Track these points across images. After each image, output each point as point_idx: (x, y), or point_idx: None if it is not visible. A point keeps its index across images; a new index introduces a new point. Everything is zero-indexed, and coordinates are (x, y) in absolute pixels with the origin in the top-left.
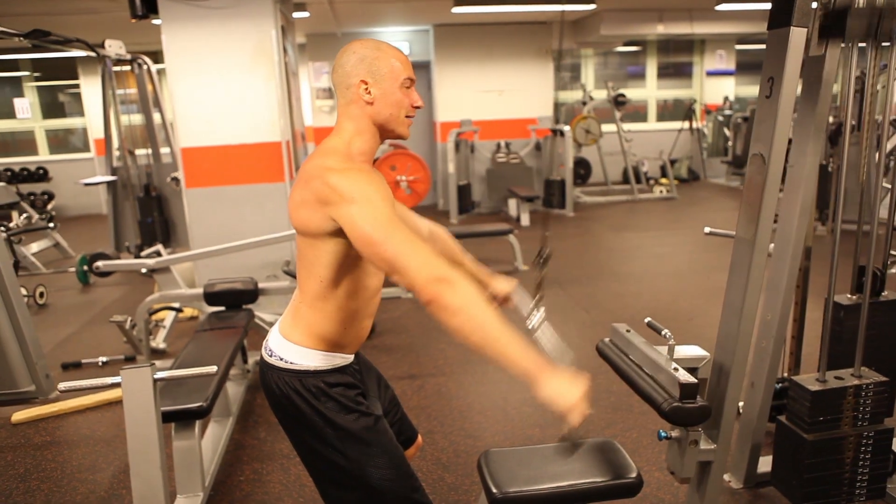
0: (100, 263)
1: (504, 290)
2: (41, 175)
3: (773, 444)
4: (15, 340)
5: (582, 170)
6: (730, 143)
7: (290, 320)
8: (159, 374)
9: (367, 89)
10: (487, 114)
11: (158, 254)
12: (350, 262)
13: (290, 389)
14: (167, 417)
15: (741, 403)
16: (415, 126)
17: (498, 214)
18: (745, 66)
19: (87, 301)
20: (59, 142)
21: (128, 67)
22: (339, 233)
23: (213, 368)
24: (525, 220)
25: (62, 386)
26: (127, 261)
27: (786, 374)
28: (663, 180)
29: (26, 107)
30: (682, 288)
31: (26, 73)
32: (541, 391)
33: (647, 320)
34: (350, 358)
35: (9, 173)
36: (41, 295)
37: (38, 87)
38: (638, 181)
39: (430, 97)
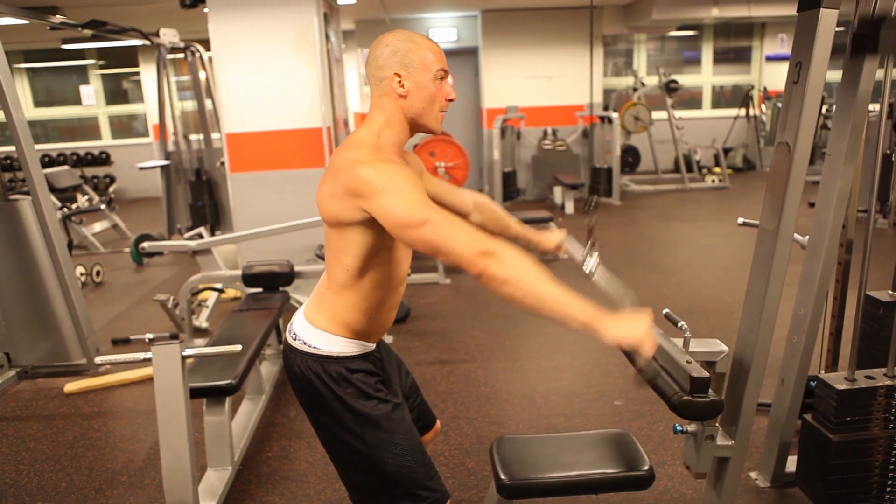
0: (145, 245)
1: (555, 241)
2: (104, 159)
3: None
4: (69, 317)
5: (630, 158)
6: None
7: (316, 305)
8: (188, 352)
9: (400, 82)
10: (535, 100)
11: (200, 236)
12: (377, 252)
13: (312, 373)
14: (199, 393)
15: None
16: (461, 112)
17: (543, 202)
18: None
19: (139, 280)
20: (123, 127)
21: (182, 55)
22: (367, 223)
23: (238, 347)
24: (569, 208)
25: (98, 360)
26: (170, 242)
27: (822, 372)
28: (716, 169)
29: (91, 94)
30: (726, 281)
31: (91, 61)
32: (606, 336)
33: (665, 311)
34: (372, 346)
35: (74, 157)
36: (98, 273)
37: (102, 75)
38: (689, 170)
39: (477, 83)
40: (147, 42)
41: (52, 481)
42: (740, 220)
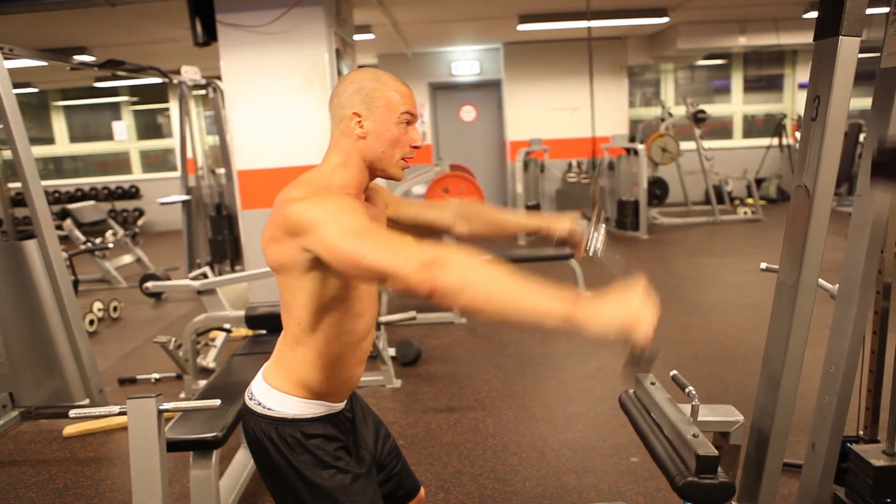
0: (149, 284)
1: (565, 227)
2: (133, 193)
3: None
4: (72, 356)
5: (658, 190)
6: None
7: (273, 364)
8: (164, 406)
9: (359, 122)
10: (559, 132)
11: (205, 276)
12: (328, 302)
13: (265, 437)
14: (182, 446)
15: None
16: (485, 145)
17: None
18: (859, 77)
19: (156, 316)
20: (158, 161)
21: (203, 91)
22: (313, 268)
23: (217, 402)
24: None
25: (72, 413)
26: (173, 282)
27: (861, 433)
28: (749, 200)
29: (123, 129)
30: (756, 321)
31: (125, 98)
32: (588, 327)
33: (672, 374)
34: (337, 406)
35: (106, 191)
36: (115, 309)
37: (135, 111)
38: (721, 201)
39: (500, 116)
40: (166, 80)
41: None
42: (763, 265)
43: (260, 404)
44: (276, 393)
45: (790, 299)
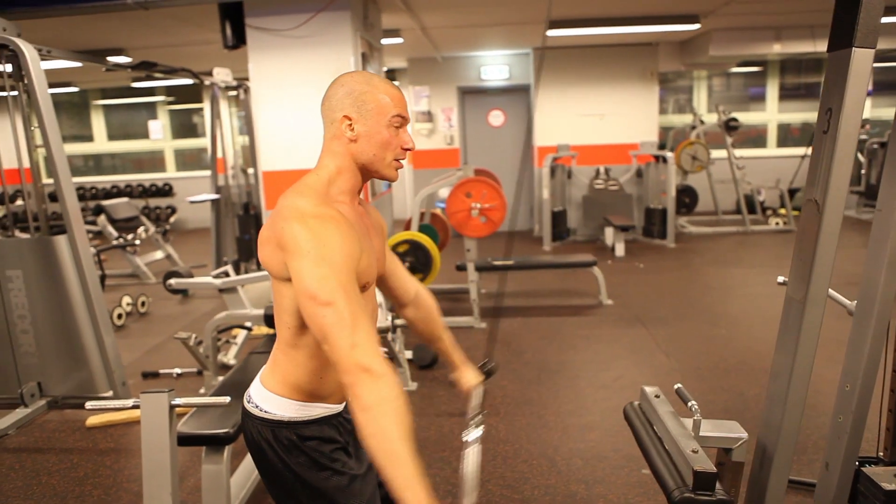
0: (172, 281)
1: (467, 384)
2: (167, 190)
3: None
4: (97, 349)
5: (687, 198)
6: (863, 171)
7: (269, 367)
8: (176, 401)
9: (350, 125)
10: (587, 138)
11: (227, 274)
12: None
13: (262, 439)
14: (197, 440)
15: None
16: (513, 151)
17: (594, 243)
18: (885, 86)
19: (183, 311)
20: (193, 159)
21: (235, 93)
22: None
23: (226, 399)
24: (620, 250)
25: (88, 405)
26: (195, 280)
27: (881, 454)
28: (781, 211)
29: (158, 128)
30: None
31: (161, 98)
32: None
33: (676, 387)
34: (336, 408)
35: (140, 188)
36: (143, 304)
37: (170, 111)
38: (752, 211)
39: (528, 121)
40: (197, 81)
41: None
42: (781, 278)
43: (257, 407)
44: (272, 396)
45: (798, 315)
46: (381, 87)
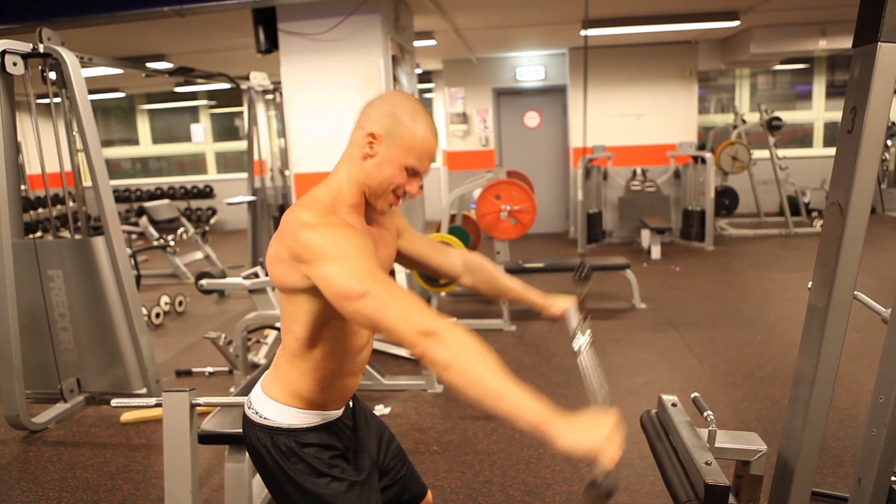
0: (203, 282)
1: (560, 308)
2: (207, 192)
3: None
4: (132, 348)
5: (727, 199)
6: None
7: (271, 374)
8: (197, 400)
9: (372, 143)
10: (624, 139)
11: (256, 275)
12: (327, 321)
13: (261, 445)
14: (220, 439)
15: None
16: (548, 152)
17: (630, 245)
18: None
19: (219, 311)
20: (235, 161)
21: (271, 96)
22: (313, 291)
23: (244, 399)
24: (656, 252)
25: (114, 403)
26: (226, 280)
27: None
28: None
29: (200, 132)
30: None
31: (203, 102)
32: (557, 442)
33: (693, 396)
34: (334, 414)
35: (182, 190)
36: (180, 303)
37: (212, 114)
38: (796, 213)
39: (564, 122)
40: (234, 85)
41: None
42: (810, 284)
43: (257, 413)
44: (272, 403)
45: (821, 322)
46: (421, 131)
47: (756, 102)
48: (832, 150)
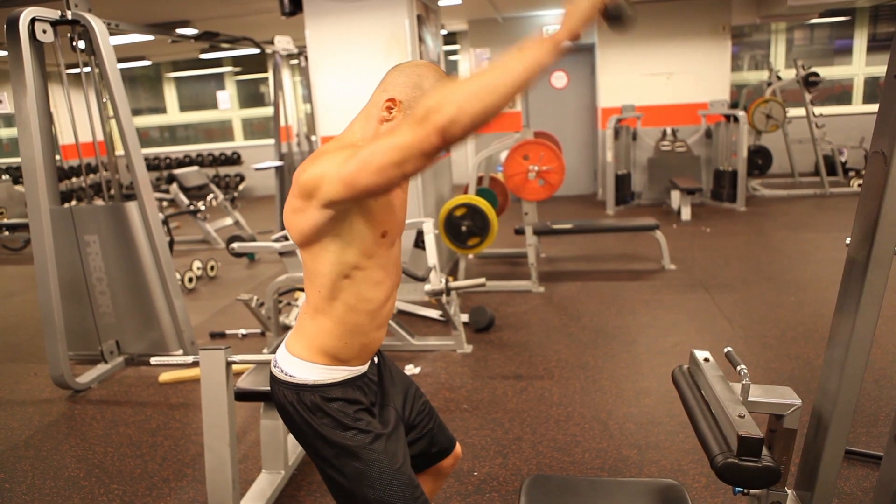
0: (234, 245)
1: None
2: (235, 159)
3: None
4: (168, 311)
5: (760, 159)
6: None
7: (295, 333)
8: (232, 358)
9: (390, 108)
10: (653, 99)
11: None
12: (348, 271)
13: (287, 402)
14: (255, 396)
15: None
16: (576, 112)
17: (660, 207)
18: None
19: (250, 275)
20: (262, 128)
21: (296, 61)
22: (334, 228)
23: (273, 357)
24: (686, 214)
25: (154, 360)
26: (256, 244)
27: None
28: (864, 172)
29: (226, 98)
30: None
31: (229, 69)
32: (565, 33)
33: (726, 350)
34: (359, 370)
35: (210, 157)
36: (212, 268)
37: (238, 81)
38: (832, 173)
39: (592, 82)
40: (259, 50)
41: (129, 466)
42: (848, 240)
43: (283, 371)
44: (296, 361)
45: (860, 276)
46: None
47: (792, 58)
48: (873, 107)
